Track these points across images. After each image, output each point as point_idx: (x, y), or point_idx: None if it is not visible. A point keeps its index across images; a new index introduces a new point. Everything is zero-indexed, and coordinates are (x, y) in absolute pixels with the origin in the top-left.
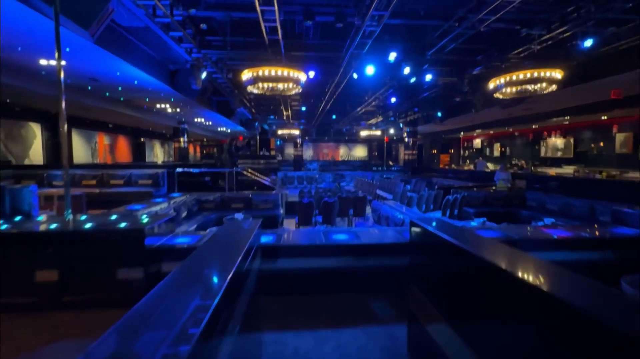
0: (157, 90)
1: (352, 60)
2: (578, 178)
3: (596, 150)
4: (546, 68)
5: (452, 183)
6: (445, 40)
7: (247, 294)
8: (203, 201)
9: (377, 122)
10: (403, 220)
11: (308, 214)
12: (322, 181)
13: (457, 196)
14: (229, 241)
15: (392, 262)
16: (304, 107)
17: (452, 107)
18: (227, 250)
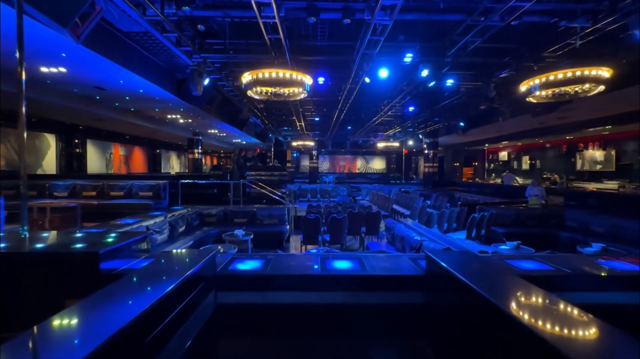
0: (165, 100)
1: (363, 62)
2: (626, 195)
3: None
4: (591, 66)
5: (477, 198)
6: (469, 37)
7: (189, 336)
8: (205, 214)
9: (394, 133)
10: (421, 243)
11: (314, 231)
12: (336, 195)
13: (484, 214)
14: (167, 269)
15: (405, 300)
16: (318, 117)
17: (477, 116)
18: (154, 280)
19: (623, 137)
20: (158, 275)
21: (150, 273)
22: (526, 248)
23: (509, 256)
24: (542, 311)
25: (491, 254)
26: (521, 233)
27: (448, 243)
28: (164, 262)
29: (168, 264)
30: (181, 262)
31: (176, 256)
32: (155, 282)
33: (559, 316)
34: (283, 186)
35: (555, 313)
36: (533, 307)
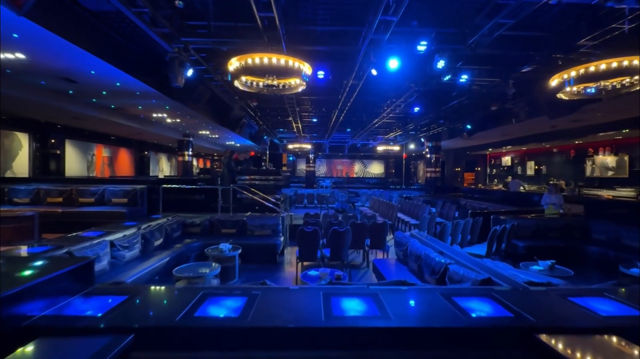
0: (147, 95)
1: (370, 51)
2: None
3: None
4: None
5: (486, 206)
6: (498, 18)
7: None
8: (188, 224)
9: (395, 136)
10: (446, 267)
11: (312, 247)
12: (334, 201)
13: (505, 226)
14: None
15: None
16: (316, 118)
17: (485, 119)
18: None
19: (637, 141)
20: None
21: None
22: (561, 268)
23: (572, 291)
24: None
25: (547, 289)
26: (543, 246)
27: (481, 267)
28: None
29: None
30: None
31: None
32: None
33: None
34: (278, 192)
35: None
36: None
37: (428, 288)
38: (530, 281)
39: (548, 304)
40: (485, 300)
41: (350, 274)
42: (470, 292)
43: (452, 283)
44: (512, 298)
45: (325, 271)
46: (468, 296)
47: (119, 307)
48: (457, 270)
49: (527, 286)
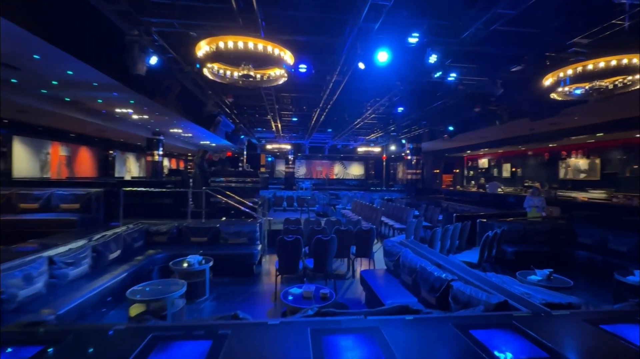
0: (107, 87)
1: (358, 42)
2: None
3: (629, 172)
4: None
5: (467, 208)
6: (494, 11)
7: None
8: (152, 233)
9: (376, 138)
10: (448, 283)
11: (293, 257)
12: (314, 204)
13: (496, 232)
14: None
15: None
16: (296, 117)
17: (468, 120)
18: None
19: (608, 145)
20: None
21: None
22: (559, 277)
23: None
24: None
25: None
26: (531, 252)
27: (489, 285)
28: None
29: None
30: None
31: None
32: None
33: None
34: (256, 194)
35: None
36: None
37: (438, 317)
38: (548, 301)
39: (581, 336)
40: (508, 333)
41: (335, 285)
42: (487, 321)
43: (458, 305)
44: (537, 327)
45: (310, 288)
46: (486, 327)
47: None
48: (463, 288)
49: (548, 309)
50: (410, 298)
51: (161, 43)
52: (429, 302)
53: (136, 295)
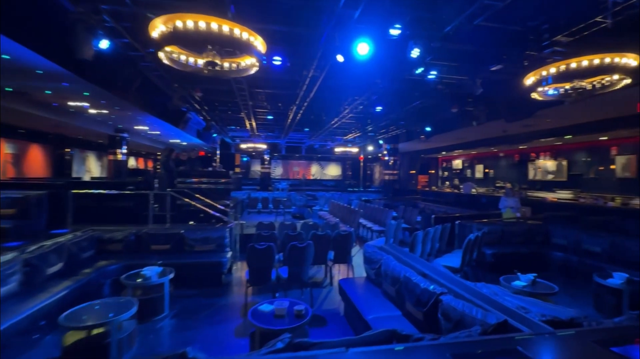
0: (55, 76)
1: (336, 33)
2: (623, 209)
3: (594, 173)
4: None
5: (444, 209)
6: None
7: None
8: (105, 240)
9: (354, 138)
10: (437, 297)
11: (265, 267)
12: (291, 205)
13: (477, 235)
14: None
15: None
16: (271, 115)
17: (446, 121)
18: None
19: (573, 147)
20: None
21: None
22: (543, 282)
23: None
24: None
25: (576, 332)
26: (510, 253)
27: (482, 299)
28: None
29: None
30: None
31: None
32: None
33: None
34: (228, 196)
35: None
36: None
37: (432, 345)
38: (548, 318)
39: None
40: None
41: (312, 295)
42: (489, 347)
43: (449, 322)
44: (544, 352)
45: (282, 304)
46: (490, 356)
47: None
48: (454, 303)
49: (552, 329)
50: (393, 311)
51: (113, 25)
52: (416, 317)
53: (74, 321)
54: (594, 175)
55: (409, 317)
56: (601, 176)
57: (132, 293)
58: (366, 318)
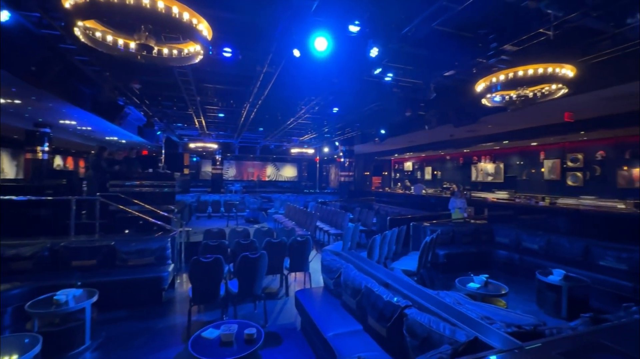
0: None
1: (293, 25)
2: (559, 209)
3: (525, 175)
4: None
5: (398, 210)
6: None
7: None
8: (9, 258)
9: (310, 139)
10: (401, 311)
11: (212, 282)
12: (244, 209)
13: (433, 237)
14: None
15: None
16: (222, 113)
17: (399, 124)
18: None
19: (509, 152)
20: None
21: None
22: (495, 283)
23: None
24: None
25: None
26: (460, 253)
27: (448, 311)
28: None
29: None
30: None
31: None
32: None
33: None
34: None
35: None
36: None
37: None
38: (513, 328)
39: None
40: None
41: (266, 307)
42: None
43: (415, 339)
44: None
45: (230, 328)
46: None
47: None
48: (420, 318)
49: (520, 343)
50: (354, 326)
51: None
52: (379, 333)
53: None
54: (526, 177)
55: (372, 332)
56: (532, 178)
57: (40, 324)
58: (326, 336)
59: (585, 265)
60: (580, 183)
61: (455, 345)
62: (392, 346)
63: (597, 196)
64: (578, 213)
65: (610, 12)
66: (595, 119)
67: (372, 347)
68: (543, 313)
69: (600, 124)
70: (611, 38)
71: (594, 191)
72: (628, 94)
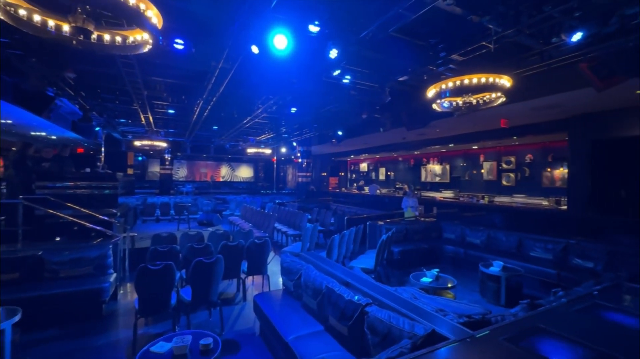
0: None
1: (251, 20)
2: (497, 207)
3: (468, 176)
4: (496, 73)
5: (354, 210)
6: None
7: None
8: None
9: (267, 139)
10: (362, 307)
11: (162, 292)
12: (197, 211)
13: (389, 235)
14: None
15: None
16: (173, 109)
17: (356, 126)
18: None
19: (454, 154)
20: None
21: None
22: (445, 276)
23: (513, 332)
24: None
25: (490, 332)
26: (413, 250)
27: (406, 306)
28: None
29: None
30: None
31: None
32: None
33: None
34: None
35: None
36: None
37: None
38: (464, 318)
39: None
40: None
41: (222, 314)
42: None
43: (376, 336)
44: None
45: (184, 339)
46: None
47: None
48: (380, 315)
49: (471, 332)
50: (315, 327)
51: None
52: (340, 332)
53: None
54: (469, 177)
55: (333, 332)
56: (473, 178)
57: None
58: (286, 339)
59: (519, 256)
60: (513, 183)
61: (415, 339)
62: (353, 344)
63: (527, 194)
64: (512, 210)
65: (540, 31)
66: (525, 126)
67: (334, 347)
68: (485, 301)
69: (529, 130)
70: (539, 54)
71: (524, 190)
72: (552, 105)
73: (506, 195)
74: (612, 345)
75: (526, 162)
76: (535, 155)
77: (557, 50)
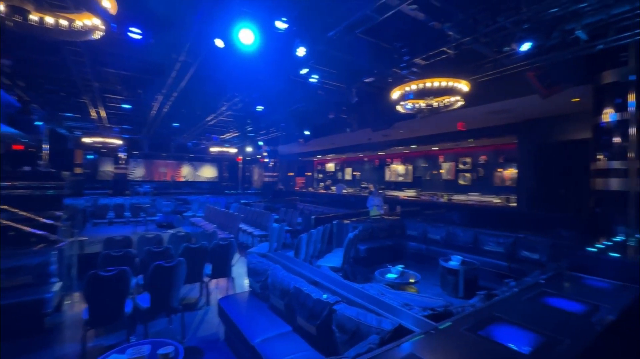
0: None
1: (216, 12)
2: (453, 205)
3: (429, 176)
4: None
5: (321, 209)
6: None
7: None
8: None
9: (232, 138)
10: (330, 306)
11: (115, 300)
12: (155, 212)
13: (356, 233)
14: None
15: None
16: (128, 104)
17: (323, 126)
18: None
19: (416, 155)
20: None
21: None
22: (409, 272)
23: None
24: None
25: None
26: (378, 247)
27: (373, 303)
28: None
29: None
30: None
31: None
32: None
33: None
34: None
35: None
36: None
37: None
38: (428, 311)
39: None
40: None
41: (184, 320)
42: None
43: (345, 334)
44: (434, 351)
45: (141, 349)
46: None
47: None
48: (348, 312)
49: (435, 324)
50: (283, 328)
51: None
52: (308, 332)
53: None
54: (429, 177)
55: (301, 332)
56: (434, 178)
57: None
58: (252, 343)
59: (475, 250)
60: (469, 183)
61: (382, 334)
62: (322, 344)
63: (481, 193)
64: (468, 208)
65: (494, 40)
66: (480, 129)
67: (302, 347)
68: (446, 294)
69: (484, 133)
70: (493, 62)
71: (478, 189)
72: (504, 109)
73: (463, 194)
74: (559, 329)
75: (480, 163)
76: (489, 156)
77: (509, 59)
